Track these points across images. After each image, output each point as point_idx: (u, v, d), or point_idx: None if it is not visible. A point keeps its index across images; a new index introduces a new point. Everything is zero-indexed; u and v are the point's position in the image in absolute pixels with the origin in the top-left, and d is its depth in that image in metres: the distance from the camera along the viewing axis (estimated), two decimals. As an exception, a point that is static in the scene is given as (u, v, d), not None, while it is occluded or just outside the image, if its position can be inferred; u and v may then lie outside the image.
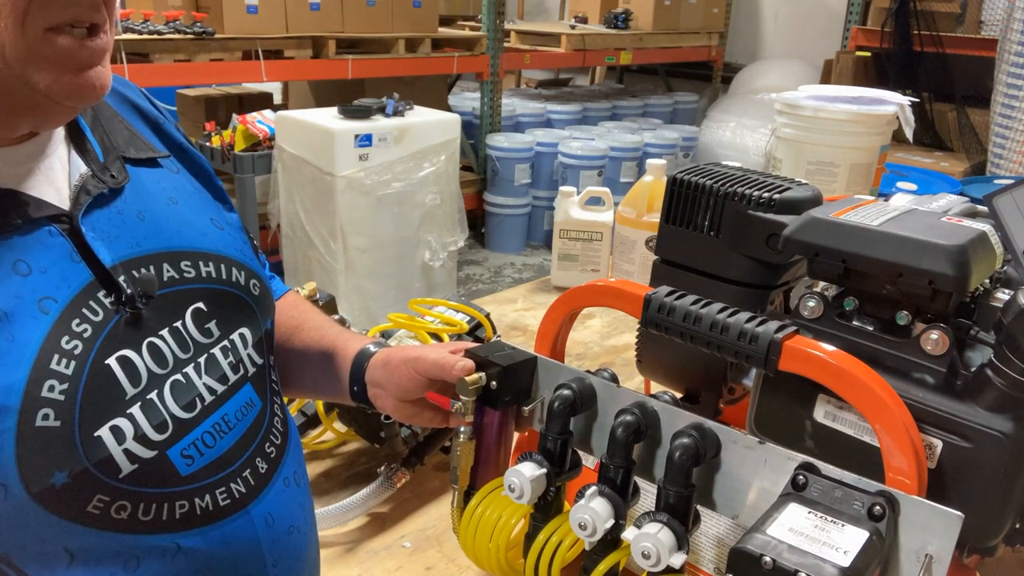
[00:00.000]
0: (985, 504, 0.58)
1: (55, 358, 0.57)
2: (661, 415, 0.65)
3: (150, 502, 0.61)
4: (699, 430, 0.61)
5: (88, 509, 0.58)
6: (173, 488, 0.63)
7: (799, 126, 1.62)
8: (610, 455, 0.64)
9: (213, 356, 0.67)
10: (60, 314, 0.58)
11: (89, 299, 0.59)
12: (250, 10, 3.27)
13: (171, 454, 0.62)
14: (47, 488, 0.56)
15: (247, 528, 0.67)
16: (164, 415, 0.62)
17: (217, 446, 0.66)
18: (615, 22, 5.02)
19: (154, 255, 0.65)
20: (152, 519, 0.61)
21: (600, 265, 1.66)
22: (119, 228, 0.63)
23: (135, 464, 0.60)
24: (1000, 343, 0.57)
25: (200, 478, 0.64)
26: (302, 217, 3.03)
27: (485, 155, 4.37)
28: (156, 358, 0.62)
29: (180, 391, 0.63)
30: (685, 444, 0.60)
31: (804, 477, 0.57)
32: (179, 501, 0.63)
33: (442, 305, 1.17)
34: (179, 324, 0.65)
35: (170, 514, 0.62)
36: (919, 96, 3.93)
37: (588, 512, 0.62)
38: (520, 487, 0.66)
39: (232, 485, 0.67)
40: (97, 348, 0.59)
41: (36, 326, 0.56)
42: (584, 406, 0.69)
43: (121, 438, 0.59)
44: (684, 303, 0.67)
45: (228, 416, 0.67)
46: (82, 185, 0.63)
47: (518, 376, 0.73)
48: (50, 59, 0.53)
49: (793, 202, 0.74)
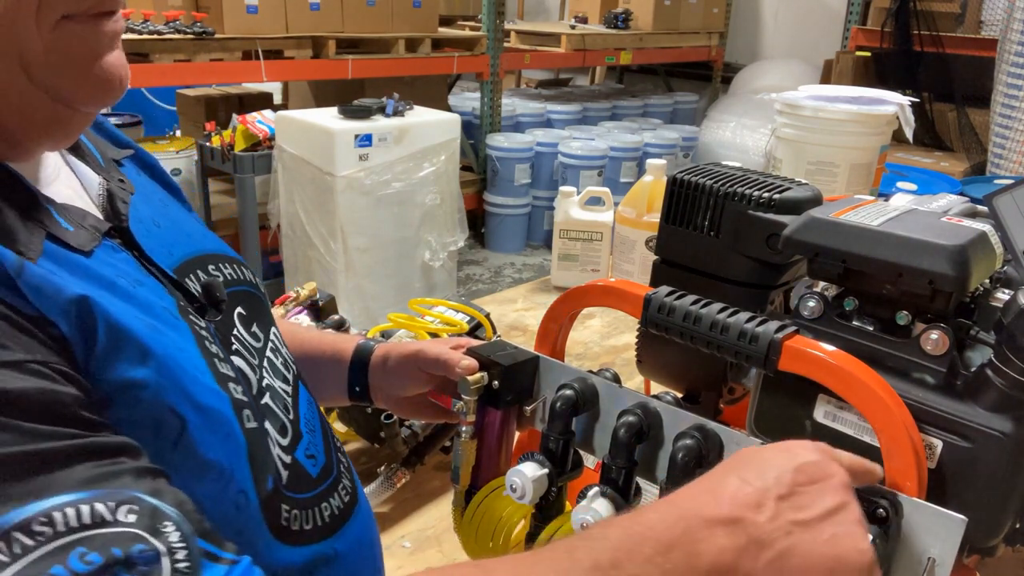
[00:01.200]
0: (985, 504, 0.58)
1: (216, 362, 0.54)
2: (664, 416, 0.65)
3: (306, 509, 0.59)
4: (702, 431, 0.61)
5: (281, 522, 0.56)
6: (313, 491, 0.61)
7: (799, 126, 1.63)
8: (612, 456, 0.64)
9: (270, 359, 0.64)
10: (185, 320, 0.54)
11: (185, 307, 0.56)
12: (250, 10, 3.27)
13: (299, 457, 0.60)
14: (267, 495, 0.54)
15: (366, 521, 0.67)
16: (281, 418, 0.60)
17: (318, 444, 0.64)
18: (615, 22, 5.02)
19: (187, 262, 0.61)
20: (312, 527, 0.59)
21: (600, 265, 1.66)
22: (149, 236, 0.59)
23: (286, 471, 0.58)
24: (1000, 343, 0.57)
25: (323, 478, 0.63)
26: (302, 217, 3.03)
27: (485, 155, 4.37)
28: (245, 363, 0.59)
29: (272, 394, 0.61)
30: (688, 445, 0.60)
31: None
32: (322, 504, 0.61)
33: (442, 305, 1.17)
34: (236, 330, 0.62)
35: (321, 519, 0.60)
36: (919, 96, 3.93)
37: (590, 513, 0.62)
38: (522, 487, 0.66)
39: (343, 481, 0.66)
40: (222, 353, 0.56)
41: (183, 335, 0.53)
42: (586, 406, 0.69)
43: (272, 443, 0.57)
44: (684, 303, 0.67)
45: (306, 414, 0.66)
46: (108, 193, 0.58)
47: (520, 376, 0.72)
48: (70, 54, 0.48)
49: (793, 202, 0.74)
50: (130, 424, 0.46)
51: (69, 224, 0.50)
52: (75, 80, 0.48)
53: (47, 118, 0.49)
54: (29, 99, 0.47)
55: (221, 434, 0.51)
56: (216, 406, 0.52)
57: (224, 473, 0.51)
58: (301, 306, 1.21)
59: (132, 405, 0.47)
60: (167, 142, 3.55)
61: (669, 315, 0.68)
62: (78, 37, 0.48)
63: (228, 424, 0.52)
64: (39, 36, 0.45)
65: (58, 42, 0.46)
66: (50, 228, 0.48)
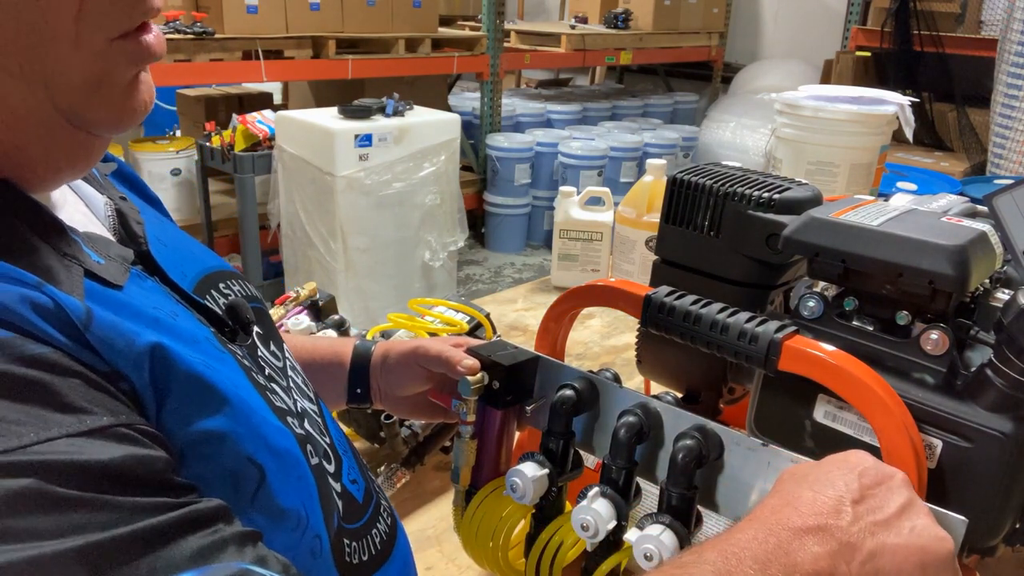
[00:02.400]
0: (985, 504, 0.58)
1: (267, 395, 0.51)
2: (664, 416, 0.65)
3: (359, 538, 0.57)
4: (702, 432, 0.61)
5: (346, 559, 0.54)
6: (363, 519, 0.59)
7: (799, 126, 1.62)
8: (612, 456, 0.64)
9: (293, 378, 0.61)
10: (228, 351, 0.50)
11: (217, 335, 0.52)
12: (250, 10, 3.27)
13: (346, 483, 0.58)
14: (334, 534, 0.51)
15: (405, 541, 0.66)
16: (322, 444, 0.56)
17: (354, 465, 0.62)
18: (615, 22, 5.03)
19: (200, 282, 0.57)
20: (368, 558, 0.57)
21: (600, 265, 1.66)
22: (163, 258, 0.54)
23: (340, 500, 0.55)
24: (1000, 343, 0.57)
25: (367, 502, 0.60)
26: (302, 217, 3.03)
27: (485, 155, 4.37)
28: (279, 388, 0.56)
29: (307, 418, 0.57)
30: (688, 446, 0.60)
31: None
32: (372, 531, 0.59)
33: (442, 305, 1.17)
34: (261, 352, 0.58)
35: (374, 547, 0.59)
36: (919, 96, 3.93)
37: (590, 513, 0.62)
38: (522, 487, 0.66)
39: (382, 501, 0.64)
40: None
41: (233, 369, 0.49)
42: (586, 406, 0.68)
43: (327, 475, 0.54)
44: (684, 303, 0.67)
45: (336, 434, 0.63)
46: (119, 214, 0.53)
47: (521, 376, 0.72)
48: (107, 80, 0.43)
49: (793, 202, 0.74)
50: (207, 481, 0.42)
51: (99, 256, 0.46)
52: (103, 107, 0.44)
53: (70, 145, 0.45)
54: (51, 126, 0.43)
55: (294, 477, 0.48)
56: (286, 446, 0.48)
57: (301, 520, 0.48)
58: (301, 306, 1.21)
59: (209, 459, 0.43)
60: (167, 142, 3.55)
61: (669, 315, 0.68)
62: (126, 58, 0.43)
63: (299, 465, 0.49)
64: (78, 60, 0.41)
65: (101, 66, 0.42)
66: (84, 263, 0.44)
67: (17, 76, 0.40)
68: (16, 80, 0.40)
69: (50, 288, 0.39)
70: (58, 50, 0.40)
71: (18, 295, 0.38)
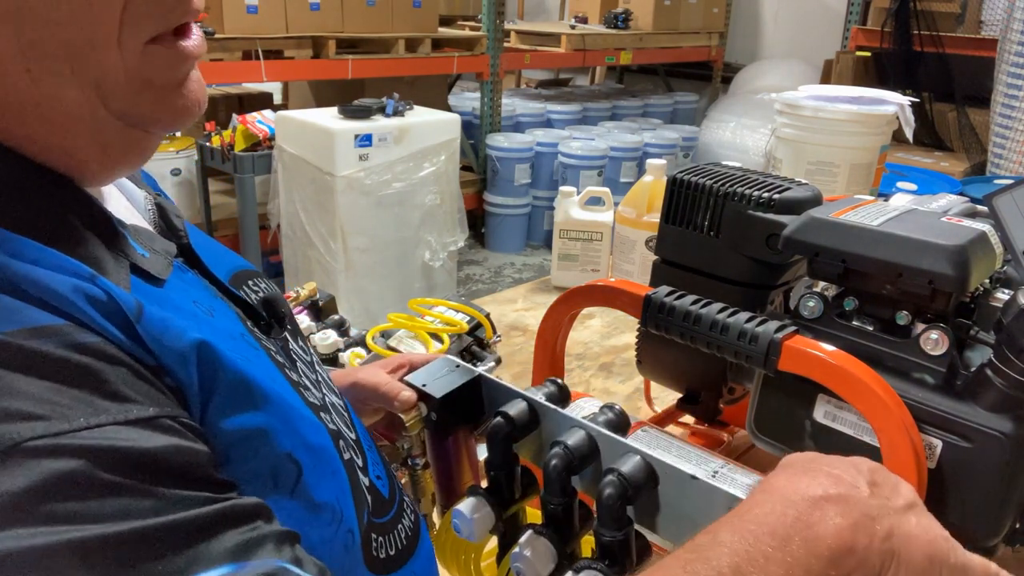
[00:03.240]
0: (985, 504, 0.58)
1: (301, 391, 0.51)
2: (600, 444, 0.58)
3: (387, 534, 0.57)
4: (629, 466, 0.55)
5: (373, 552, 0.54)
6: (389, 514, 0.58)
7: (799, 126, 1.62)
8: (547, 491, 0.58)
9: (321, 374, 0.61)
10: (261, 347, 0.51)
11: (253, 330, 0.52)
12: (250, 10, 3.27)
13: (372, 478, 0.58)
14: (364, 529, 0.52)
15: (429, 543, 0.65)
16: (348, 437, 0.56)
17: (378, 461, 0.61)
18: (615, 22, 5.03)
19: (233, 277, 0.57)
20: (395, 552, 0.57)
21: (600, 265, 1.66)
22: (202, 252, 0.55)
23: (370, 495, 0.55)
24: (1000, 343, 0.57)
25: (392, 497, 0.60)
26: (302, 217, 3.03)
27: (485, 155, 4.37)
28: (310, 383, 0.56)
29: (336, 412, 0.57)
30: (611, 483, 0.54)
31: None
32: (397, 526, 0.59)
33: (442, 305, 1.17)
34: (292, 345, 0.58)
35: (400, 542, 0.58)
36: (919, 96, 3.93)
37: (522, 561, 0.56)
38: (466, 529, 0.61)
39: (404, 497, 0.63)
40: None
41: (268, 363, 0.49)
42: (525, 430, 0.62)
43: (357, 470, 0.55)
44: (684, 303, 0.67)
45: (360, 429, 0.62)
46: (159, 208, 0.54)
47: (460, 402, 0.66)
48: (152, 80, 0.43)
49: (793, 202, 0.74)
50: (248, 476, 0.43)
51: (144, 249, 0.46)
52: (154, 106, 0.45)
53: (124, 144, 0.45)
54: (104, 127, 0.43)
55: (328, 472, 0.49)
56: (321, 442, 0.49)
57: (335, 514, 0.48)
58: (301, 306, 1.21)
59: (250, 457, 0.43)
60: (167, 142, 3.54)
61: (669, 315, 0.67)
62: (164, 61, 0.44)
63: (333, 460, 0.50)
64: (121, 58, 0.41)
65: (142, 68, 0.42)
66: (130, 257, 0.45)
67: (69, 79, 0.41)
68: (69, 83, 0.41)
69: (103, 280, 0.40)
70: (105, 53, 0.41)
71: (72, 285, 0.38)
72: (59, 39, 0.39)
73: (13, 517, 0.32)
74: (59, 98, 0.41)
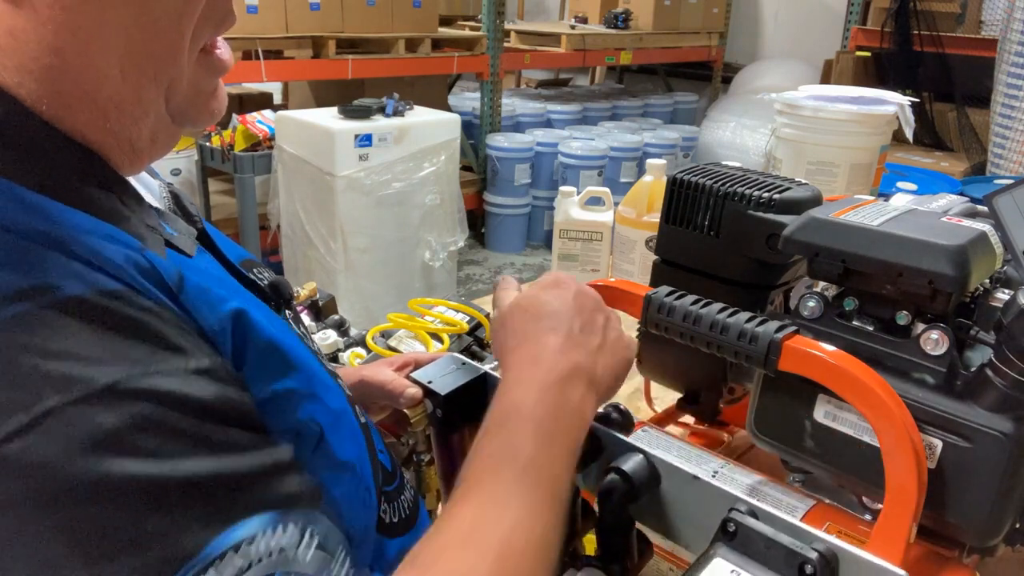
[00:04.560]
0: (985, 504, 0.58)
1: (319, 359, 0.55)
2: (604, 440, 0.60)
3: (392, 502, 0.61)
4: (631, 464, 0.56)
5: (381, 514, 0.58)
6: (394, 484, 0.63)
7: (799, 126, 1.62)
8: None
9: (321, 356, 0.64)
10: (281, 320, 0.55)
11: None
12: (250, 10, 3.27)
13: (378, 449, 0.62)
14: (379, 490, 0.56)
15: (427, 519, 0.68)
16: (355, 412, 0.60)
17: (381, 439, 0.65)
18: (615, 22, 5.02)
19: (243, 263, 0.60)
20: (399, 520, 0.61)
21: (600, 265, 1.65)
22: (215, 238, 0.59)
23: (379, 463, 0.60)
24: (1000, 343, 0.57)
25: (395, 471, 0.64)
26: (302, 217, 3.03)
27: (485, 155, 4.37)
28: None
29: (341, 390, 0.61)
30: (612, 482, 0.55)
31: (735, 524, 0.52)
32: (401, 497, 0.63)
33: (442, 305, 1.17)
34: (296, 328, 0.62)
35: (403, 511, 0.62)
36: (919, 96, 3.93)
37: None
38: None
39: (404, 476, 0.67)
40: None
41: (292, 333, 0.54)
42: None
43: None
44: (684, 303, 0.67)
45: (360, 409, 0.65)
46: (173, 195, 0.58)
47: (465, 398, 0.67)
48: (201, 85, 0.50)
49: (793, 202, 0.74)
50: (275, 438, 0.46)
51: (172, 228, 0.51)
52: (197, 108, 0.51)
53: (167, 138, 0.51)
54: (161, 123, 0.49)
55: (348, 433, 0.53)
56: (341, 406, 0.53)
57: (356, 472, 0.53)
58: (301, 306, 1.21)
59: (276, 417, 0.47)
60: (167, 142, 3.54)
61: (669, 315, 0.67)
62: (208, 69, 0.50)
63: (352, 422, 0.54)
64: (187, 68, 0.47)
65: (196, 74, 0.49)
66: (163, 233, 0.49)
67: (152, 80, 0.46)
68: (151, 83, 0.46)
69: (149, 252, 0.44)
70: (179, 59, 0.47)
71: (124, 255, 0.43)
72: (153, 46, 0.45)
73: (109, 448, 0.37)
74: (139, 96, 0.46)
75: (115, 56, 0.44)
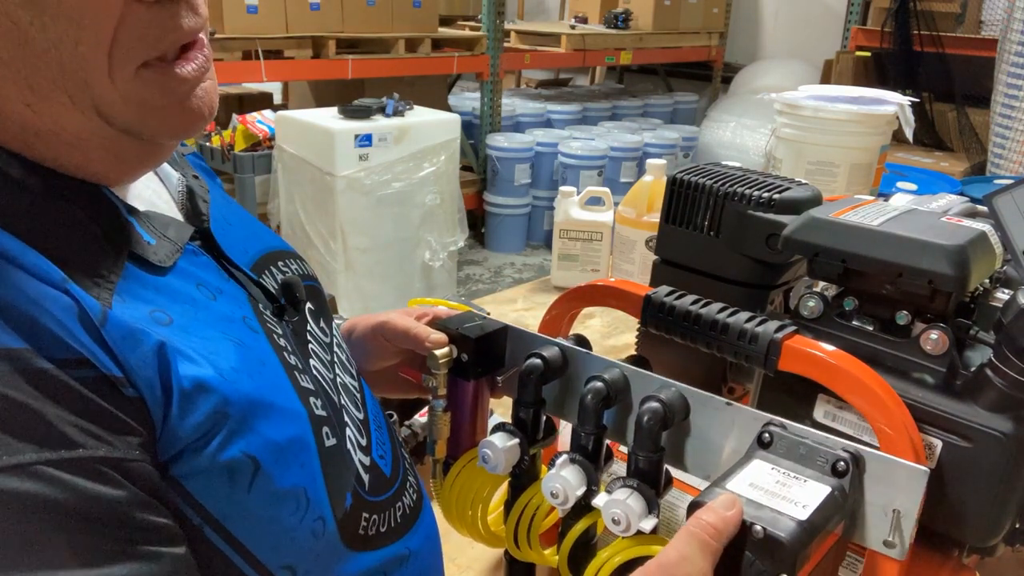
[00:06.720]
0: (985, 504, 0.59)
1: (296, 375, 0.53)
2: (631, 380, 0.64)
3: (383, 511, 0.59)
4: (667, 394, 0.61)
5: (359, 531, 0.56)
6: (389, 492, 0.61)
7: (799, 126, 1.62)
8: (581, 422, 0.64)
9: (338, 354, 0.64)
10: (263, 331, 0.53)
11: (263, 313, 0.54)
12: (250, 10, 3.27)
13: (375, 456, 0.60)
14: (344, 514, 0.54)
15: (432, 515, 0.67)
16: (357, 418, 0.59)
17: (385, 441, 0.64)
18: (615, 22, 5.02)
19: (260, 259, 0.60)
20: (387, 529, 0.59)
21: (600, 265, 1.66)
22: (226, 235, 0.57)
23: (367, 473, 0.58)
24: (1000, 343, 0.57)
25: (395, 476, 0.63)
26: (302, 217, 3.03)
27: (485, 155, 4.37)
28: (321, 363, 0.59)
29: (346, 393, 0.61)
30: (652, 409, 0.59)
31: (770, 435, 0.57)
32: (396, 504, 0.61)
33: (442, 305, 1.17)
34: (310, 327, 0.61)
35: (395, 519, 0.61)
36: (919, 96, 3.93)
37: (559, 481, 0.62)
38: (494, 459, 0.66)
39: (410, 477, 0.66)
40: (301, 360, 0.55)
41: (264, 350, 0.51)
42: (556, 374, 0.68)
43: (354, 448, 0.57)
44: (684, 303, 0.67)
45: (373, 410, 0.65)
46: (189, 191, 0.57)
47: (490, 347, 0.71)
48: (149, 102, 0.46)
49: (793, 202, 0.74)
50: (203, 474, 0.44)
51: (151, 236, 0.49)
52: (157, 122, 0.47)
53: (137, 154, 0.49)
54: (113, 142, 0.46)
55: (296, 465, 0.50)
56: (291, 435, 0.50)
57: (301, 501, 0.50)
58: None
59: (205, 454, 0.45)
60: (167, 142, 3.54)
61: (669, 315, 0.68)
62: (157, 85, 0.45)
63: (304, 451, 0.51)
64: (114, 87, 0.44)
65: (136, 92, 0.45)
66: (133, 246, 0.47)
67: (69, 106, 0.43)
68: (70, 109, 0.44)
69: (73, 286, 0.41)
70: (97, 81, 0.43)
71: (42, 293, 0.40)
72: (53, 75, 0.42)
73: None
74: (63, 124, 0.44)
75: (12, 90, 0.42)
